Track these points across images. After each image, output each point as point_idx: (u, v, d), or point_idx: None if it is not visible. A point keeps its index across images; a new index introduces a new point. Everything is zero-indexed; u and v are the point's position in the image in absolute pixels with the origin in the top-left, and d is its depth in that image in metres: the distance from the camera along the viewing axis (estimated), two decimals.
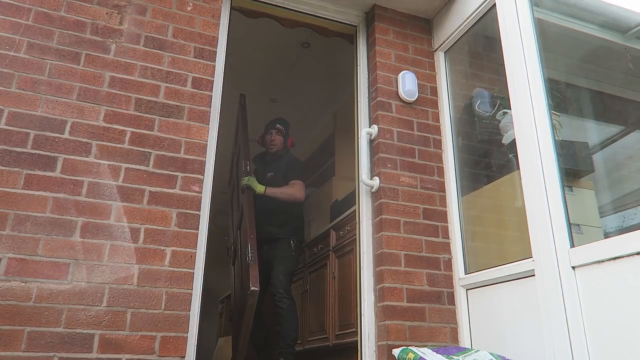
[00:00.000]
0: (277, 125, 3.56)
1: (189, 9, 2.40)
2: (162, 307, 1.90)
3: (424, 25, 2.95)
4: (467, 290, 2.38)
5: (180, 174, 2.10)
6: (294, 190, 3.28)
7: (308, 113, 4.79)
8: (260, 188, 3.15)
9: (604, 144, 2.79)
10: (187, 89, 2.25)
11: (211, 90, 2.31)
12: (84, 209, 1.92)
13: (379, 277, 2.35)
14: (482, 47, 2.82)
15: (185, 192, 2.09)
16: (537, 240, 1.94)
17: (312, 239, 3.94)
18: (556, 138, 2.01)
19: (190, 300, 1.96)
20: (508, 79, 2.24)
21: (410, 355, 1.96)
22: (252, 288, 2.59)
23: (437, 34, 2.91)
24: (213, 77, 2.34)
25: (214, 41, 2.40)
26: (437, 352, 1.98)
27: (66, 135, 1.99)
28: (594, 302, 1.69)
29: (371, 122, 2.67)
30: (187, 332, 1.91)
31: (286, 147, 3.59)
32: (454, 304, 2.39)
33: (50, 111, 1.99)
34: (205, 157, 2.19)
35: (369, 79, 2.81)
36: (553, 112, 2.07)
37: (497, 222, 2.50)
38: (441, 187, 2.60)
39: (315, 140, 5.09)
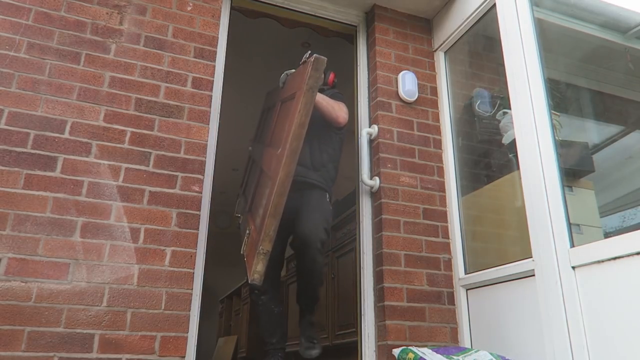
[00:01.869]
0: None
1: (189, 9, 2.40)
2: (162, 307, 1.90)
3: (424, 25, 2.95)
4: (467, 290, 2.38)
5: (180, 174, 2.10)
6: (338, 105, 2.50)
7: None
8: None
9: (604, 144, 2.79)
10: (187, 89, 2.25)
11: (211, 90, 2.31)
12: (84, 209, 1.92)
13: (378, 277, 2.35)
14: (482, 47, 2.82)
15: (185, 192, 2.09)
16: (537, 240, 1.94)
17: None
18: (556, 138, 2.01)
19: (190, 300, 1.96)
20: (508, 79, 2.24)
21: (410, 355, 1.96)
22: None
23: (437, 34, 2.91)
24: (213, 77, 2.34)
25: (214, 41, 2.40)
26: (437, 352, 1.98)
27: (66, 135, 1.99)
28: (594, 302, 1.68)
29: (371, 122, 2.68)
30: (187, 332, 1.91)
31: (325, 84, 2.82)
32: (454, 304, 2.39)
33: (50, 111, 1.99)
34: (205, 157, 2.19)
35: (369, 79, 2.81)
36: (553, 112, 2.07)
37: (497, 222, 2.50)
38: (441, 187, 2.60)
39: None
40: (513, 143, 2.19)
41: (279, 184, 1.79)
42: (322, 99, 2.42)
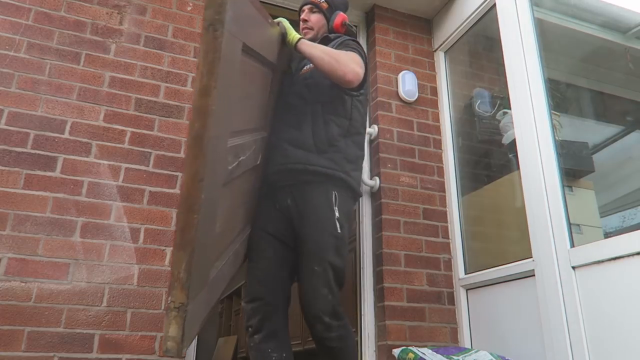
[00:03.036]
0: None
1: (189, 9, 2.40)
2: (162, 307, 1.90)
3: (424, 25, 2.95)
4: (467, 290, 2.37)
5: (180, 174, 2.10)
6: (347, 56, 1.75)
7: None
8: (292, 33, 1.78)
9: (604, 144, 2.79)
10: (187, 89, 2.25)
11: None
12: (84, 209, 1.92)
13: (379, 277, 2.35)
14: (482, 47, 2.82)
15: None
16: (537, 240, 1.94)
17: None
18: (556, 138, 2.01)
19: None
20: (508, 79, 2.24)
21: (410, 355, 1.96)
22: None
23: (437, 34, 2.91)
24: None
25: None
26: (437, 352, 1.98)
27: (66, 135, 1.99)
28: (594, 302, 1.68)
29: (371, 122, 2.67)
30: None
31: (332, 31, 2.00)
32: (454, 304, 2.39)
33: (50, 111, 1.99)
34: None
35: (369, 78, 2.80)
36: (553, 112, 2.07)
37: (497, 222, 2.50)
38: (441, 187, 2.60)
39: None
40: (513, 143, 2.19)
41: (183, 195, 0.99)
42: (320, 52, 1.72)
